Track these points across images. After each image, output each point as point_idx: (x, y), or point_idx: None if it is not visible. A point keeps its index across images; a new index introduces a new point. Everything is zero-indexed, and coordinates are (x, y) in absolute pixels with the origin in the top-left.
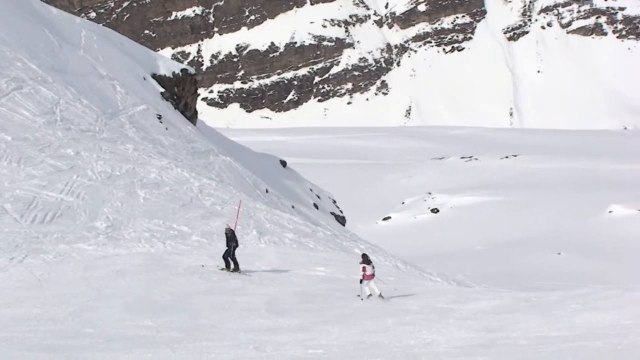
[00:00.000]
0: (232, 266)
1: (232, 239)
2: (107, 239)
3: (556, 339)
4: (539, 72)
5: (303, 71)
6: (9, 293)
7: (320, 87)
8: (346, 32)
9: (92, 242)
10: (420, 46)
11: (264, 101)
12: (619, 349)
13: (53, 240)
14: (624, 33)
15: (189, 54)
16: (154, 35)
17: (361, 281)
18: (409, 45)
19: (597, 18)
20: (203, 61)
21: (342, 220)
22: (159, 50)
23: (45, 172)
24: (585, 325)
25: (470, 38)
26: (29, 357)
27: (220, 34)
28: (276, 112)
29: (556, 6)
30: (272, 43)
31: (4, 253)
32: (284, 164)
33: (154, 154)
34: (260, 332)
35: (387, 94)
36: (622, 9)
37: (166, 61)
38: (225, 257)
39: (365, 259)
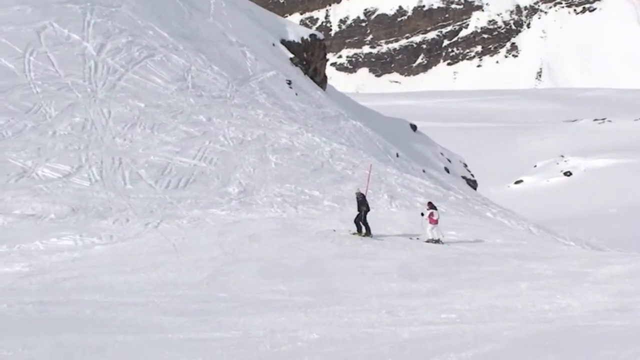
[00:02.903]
0: (364, 230)
1: (362, 203)
2: (240, 203)
3: None
4: None
5: (431, 34)
6: (145, 258)
7: (449, 50)
8: None
9: (225, 207)
10: (550, 7)
11: (392, 65)
12: None
13: (187, 206)
14: None
15: (317, 19)
16: (282, 1)
17: (425, 216)
18: (538, 6)
19: None
20: (331, 26)
21: (473, 184)
22: (287, 16)
23: (178, 138)
24: None
25: None
26: (165, 320)
27: None
28: (405, 75)
29: None
30: (400, 7)
31: (139, 218)
32: (413, 127)
33: (284, 119)
34: (393, 296)
35: (516, 56)
36: None
37: (294, 27)
38: (356, 221)
39: (431, 205)
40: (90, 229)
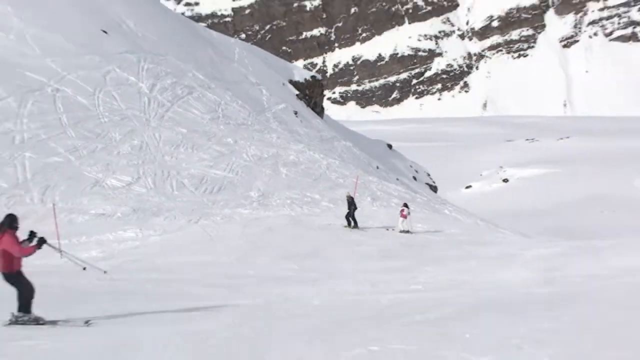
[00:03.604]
0: (353, 224)
1: (351, 204)
2: (259, 205)
3: (602, 276)
4: (586, 71)
5: (403, 75)
6: (188, 245)
7: (417, 87)
8: (436, 44)
9: (248, 207)
10: (493, 54)
11: (373, 99)
12: None
13: (219, 206)
14: None
15: (316, 64)
16: (289, 50)
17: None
18: (484, 53)
19: (634, 28)
20: (327, 69)
21: (434, 189)
22: (293, 62)
23: (211, 155)
24: (625, 266)
25: (533, 46)
26: (204, 291)
27: (340, 48)
28: (383, 107)
29: (601, 19)
30: (379, 54)
31: (184, 216)
32: (389, 146)
33: (291, 140)
34: (374, 272)
35: (468, 91)
36: None
37: (299, 70)
38: (347, 217)
39: (405, 205)
40: (147, 224)
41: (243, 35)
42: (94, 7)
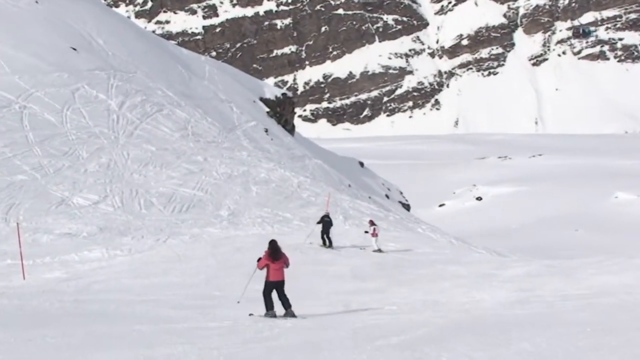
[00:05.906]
0: (328, 243)
1: (323, 221)
2: (229, 223)
3: (576, 296)
4: (556, 89)
5: (374, 93)
6: (156, 265)
7: (388, 105)
8: (406, 62)
9: (218, 226)
10: (464, 72)
11: (344, 116)
12: (626, 303)
13: (188, 225)
14: (622, 57)
15: (287, 81)
16: (260, 68)
17: (369, 233)
18: (455, 71)
19: (601, 47)
20: (298, 87)
21: (407, 207)
22: (264, 79)
23: (181, 173)
24: (599, 286)
25: (503, 64)
26: (172, 313)
27: (311, 66)
28: (354, 124)
29: (569, 38)
30: (350, 72)
31: (152, 235)
32: (361, 164)
33: (262, 158)
34: (347, 293)
35: (439, 109)
36: (620, 39)
37: (270, 87)
38: (322, 236)
39: (372, 222)
40: (114, 244)
41: (214, 53)
42: (64, 25)
